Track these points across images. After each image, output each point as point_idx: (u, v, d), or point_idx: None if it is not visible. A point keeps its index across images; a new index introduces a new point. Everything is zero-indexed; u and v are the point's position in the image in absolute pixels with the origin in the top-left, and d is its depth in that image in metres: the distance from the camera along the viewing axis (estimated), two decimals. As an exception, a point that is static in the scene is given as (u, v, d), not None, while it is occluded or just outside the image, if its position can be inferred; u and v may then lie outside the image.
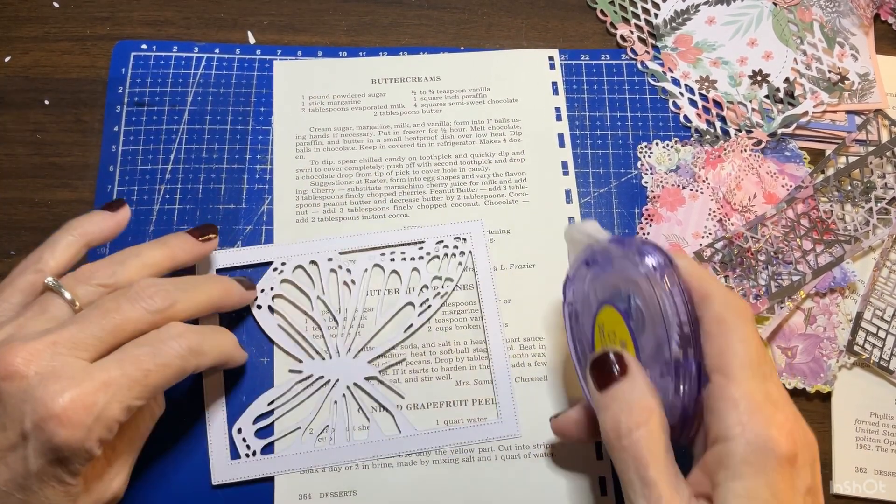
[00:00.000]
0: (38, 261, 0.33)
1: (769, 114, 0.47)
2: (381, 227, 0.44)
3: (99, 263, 0.34)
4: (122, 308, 0.31)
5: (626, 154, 0.47)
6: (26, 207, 0.45)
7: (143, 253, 0.35)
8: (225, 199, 0.45)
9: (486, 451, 0.40)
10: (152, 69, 0.47)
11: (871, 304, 0.43)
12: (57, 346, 0.29)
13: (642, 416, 0.29)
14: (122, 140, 0.46)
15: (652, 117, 0.47)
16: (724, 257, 0.43)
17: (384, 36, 0.49)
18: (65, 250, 0.34)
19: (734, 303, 0.30)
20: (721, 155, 0.46)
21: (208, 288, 0.35)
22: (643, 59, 0.49)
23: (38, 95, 0.47)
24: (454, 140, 0.46)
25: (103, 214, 0.36)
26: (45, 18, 0.49)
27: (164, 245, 0.36)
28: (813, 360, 0.42)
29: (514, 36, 0.50)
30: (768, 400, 0.28)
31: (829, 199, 0.45)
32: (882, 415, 0.42)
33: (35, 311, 0.31)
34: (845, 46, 0.49)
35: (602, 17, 0.50)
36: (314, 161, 0.45)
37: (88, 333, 0.30)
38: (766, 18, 0.50)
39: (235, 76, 0.47)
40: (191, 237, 0.38)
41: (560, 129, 0.47)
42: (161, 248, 0.36)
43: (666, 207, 0.45)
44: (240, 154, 0.46)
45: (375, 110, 0.47)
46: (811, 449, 0.29)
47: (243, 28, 0.49)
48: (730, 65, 0.49)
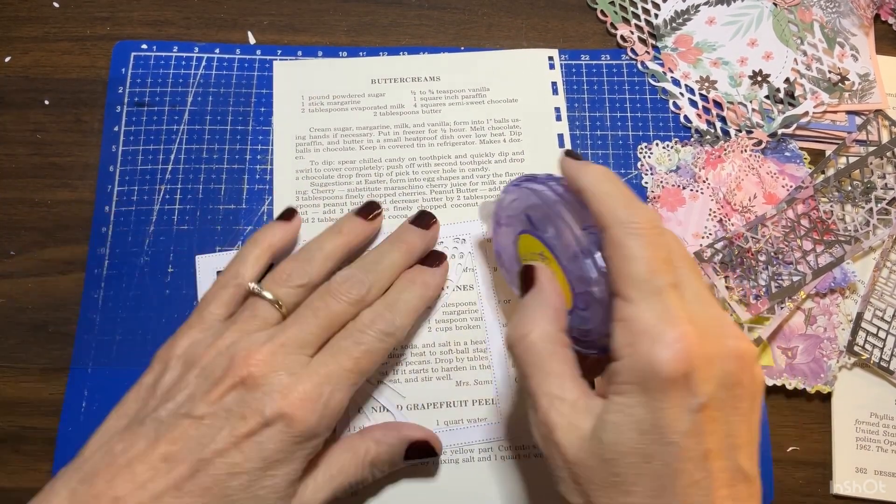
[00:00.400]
0: (235, 275, 0.37)
1: (769, 114, 0.47)
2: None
3: (290, 264, 0.37)
4: (329, 305, 0.35)
5: (626, 155, 0.47)
6: (26, 207, 0.45)
7: (325, 246, 0.38)
8: (225, 199, 0.45)
9: (486, 451, 0.40)
10: (152, 69, 0.47)
11: (872, 305, 0.43)
12: (285, 347, 0.33)
13: (532, 322, 0.32)
14: (123, 140, 0.46)
15: (652, 118, 0.47)
16: (724, 258, 0.43)
17: (384, 36, 0.49)
18: (255, 262, 0.38)
19: (627, 219, 0.30)
20: (721, 155, 0.46)
21: (391, 259, 0.38)
22: (643, 59, 0.49)
23: (38, 95, 0.47)
24: (454, 140, 0.46)
25: (281, 224, 0.40)
26: (45, 18, 0.49)
27: (340, 233, 0.39)
28: (813, 360, 0.42)
29: (514, 36, 0.50)
30: (661, 317, 0.28)
31: (830, 199, 0.45)
32: (882, 415, 0.42)
33: (246, 317, 0.35)
34: (845, 47, 0.49)
35: (602, 17, 0.50)
36: (314, 162, 0.45)
37: (307, 332, 0.34)
38: (766, 19, 0.50)
39: (235, 76, 0.47)
40: (360, 218, 0.41)
41: (560, 130, 0.47)
42: (338, 237, 0.39)
43: (666, 208, 0.45)
44: (240, 154, 0.46)
45: (375, 110, 0.47)
46: (721, 361, 0.28)
47: (243, 28, 0.49)
48: (730, 65, 0.49)
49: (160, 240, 0.44)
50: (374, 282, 0.37)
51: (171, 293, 0.43)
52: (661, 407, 0.27)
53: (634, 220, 0.29)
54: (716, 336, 0.28)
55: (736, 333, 0.29)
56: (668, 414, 0.27)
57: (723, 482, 0.27)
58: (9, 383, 0.42)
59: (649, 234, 0.29)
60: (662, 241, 0.30)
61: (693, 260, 0.32)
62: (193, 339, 0.35)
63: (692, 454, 0.27)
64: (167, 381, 0.34)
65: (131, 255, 0.43)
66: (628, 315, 0.28)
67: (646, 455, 0.27)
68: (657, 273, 0.28)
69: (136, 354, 0.42)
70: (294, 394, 0.32)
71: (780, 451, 0.42)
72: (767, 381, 0.42)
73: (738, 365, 0.28)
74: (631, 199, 0.31)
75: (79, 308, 0.42)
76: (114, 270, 0.43)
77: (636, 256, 0.29)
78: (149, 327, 0.42)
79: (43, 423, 0.41)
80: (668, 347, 0.27)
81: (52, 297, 0.43)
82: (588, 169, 0.32)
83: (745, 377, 0.28)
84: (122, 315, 0.42)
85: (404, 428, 0.38)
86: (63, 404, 0.41)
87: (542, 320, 0.32)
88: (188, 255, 0.43)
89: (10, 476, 0.40)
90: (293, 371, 0.33)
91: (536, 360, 0.31)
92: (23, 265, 0.44)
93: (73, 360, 0.42)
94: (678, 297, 0.28)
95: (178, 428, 0.31)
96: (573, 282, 0.33)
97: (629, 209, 0.30)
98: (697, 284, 0.30)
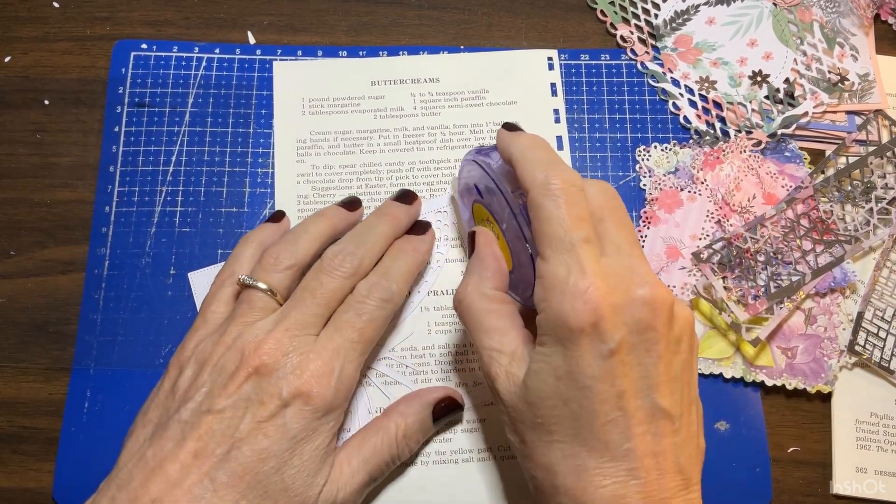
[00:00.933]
0: (232, 274, 0.38)
1: (769, 114, 0.47)
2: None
3: (277, 248, 0.38)
4: (325, 284, 0.36)
5: (624, 157, 0.47)
6: (26, 207, 0.45)
7: (310, 228, 0.39)
8: (227, 202, 0.45)
9: (486, 451, 0.40)
10: (153, 69, 0.47)
11: (872, 305, 0.43)
12: (290, 331, 0.34)
13: (469, 284, 0.35)
14: (123, 141, 0.46)
15: (651, 119, 0.47)
16: (722, 258, 0.43)
17: (384, 36, 0.49)
18: (250, 260, 0.39)
19: (543, 181, 0.32)
20: (720, 156, 0.46)
21: (380, 230, 0.39)
22: (643, 59, 0.49)
23: (38, 95, 0.47)
24: (453, 144, 0.46)
25: (271, 225, 0.41)
26: (45, 18, 0.49)
27: (324, 216, 0.40)
28: (814, 360, 0.42)
29: (514, 36, 0.50)
30: (571, 272, 0.29)
31: (830, 199, 0.45)
32: (882, 415, 0.42)
33: (244, 309, 0.36)
34: (845, 47, 0.49)
35: (602, 17, 0.50)
36: (315, 165, 0.45)
37: (309, 314, 0.35)
38: (766, 19, 0.50)
39: (236, 77, 0.47)
40: (342, 207, 0.41)
41: (559, 132, 0.47)
42: (323, 220, 0.40)
43: (664, 210, 0.45)
44: (241, 157, 0.46)
45: (375, 113, 0.47)
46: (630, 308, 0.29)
47: (243, 28, 0.49)
48: (730, 65, 0.49)
49: (162, 241, 0.44)
50: (366, 253, 0.38)
51: (173, 294, 0.43)
52: (572, 355, 0.29)
53: (551, 182, 0.31)
54: (625, 286, 0.30)
55: (647, 282, 0.30)
56: (580, 361, 0.29)
57: (640, 419, 0.29)
58: (9, 383, 0.42)
59: (566, 193, 0.31)
60: (578, 199, 0.31)
61: (620, 211, 0.33)
62: (200, 340, 0.36)
63: (606, 395, 0.29)
64: (183, 383, 0.34)
65: (132, 257, 0.43)
66: (543, 272, 0.31)
67: (564, 398, 0.29)
68: (569, 230, 0.30)
69: (138, 355, 0.42)
70: (307, 372, 0.34)
71: (780, 451, 0.42)
72: (767, 382, 0.42)
73: (649, 311, 0.29)
74: (551, 163, 0.32)
75: (79, 308, 0.43)
76: (114, 271, 0.43)
77: (550, 216, 0.31)
78: (151, 329, 0.42)
79: (43, 424, 0.41)
80: (576, 300, 0.29)
81: (52, 297, 0.43)
82: (517, 138, 0.35)
83: (657, 322, 0.30)
84: (123, 316, 0.42)
85: (423, 393, 0.39)
86: (65, 405, 0.41)
87: (479, 281, 0.35)
88: (190, 257, 0.44)
89: (10, 476, 0.40)
90: (302, 352, 0.34)
91: (475, 319, 0.34)
92: (23, 265, 0.44)
93: (75, 360, 0.42)
94: (590, 252, 0.30)
95: (201, 424, 0.32)
96: (510, 242, 0.36)
97: (547, 172, 0.32)
98: (620, 235, 0.32)
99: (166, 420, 0.33)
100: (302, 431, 0.33)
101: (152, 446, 0.32)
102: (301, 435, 0.33)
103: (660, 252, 0.44)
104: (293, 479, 0.33)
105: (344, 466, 0.35)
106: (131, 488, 0.31)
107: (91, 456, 0.40)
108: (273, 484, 0.32)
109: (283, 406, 0.33)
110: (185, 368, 0.35)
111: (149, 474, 0.31)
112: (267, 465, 0.32)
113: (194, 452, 0.32)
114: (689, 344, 0.31)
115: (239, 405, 0.33)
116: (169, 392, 0.35)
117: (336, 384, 0.34)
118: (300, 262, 0.37)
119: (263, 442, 0.32)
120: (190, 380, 0.34)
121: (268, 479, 0.32)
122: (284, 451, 0.33)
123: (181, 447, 0.32)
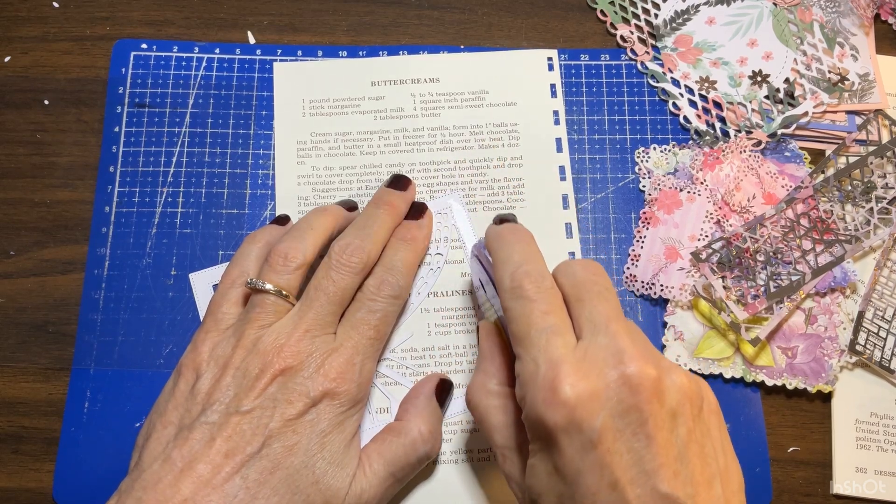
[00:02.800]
0: (240, 274, 0.38)
1: (769, 114, 0.47)
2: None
3: (285, 247, 0.37)
4: (336, 282, 0.37)
5: (623, 158, 0.46)
6: (26, 207, 0.45)
7: (314, 224, 0.39)
8: (228, 203, 0.45)
9: (486, 451, 0.40)
10: (153, 69, 0.47)
11: (872, 304, 0.43)
12: (310, 332, 0.35)
13: (473, 383, 0.35)
14: (123, 141, 0.46)
15: (650, 120, 0.47)
16: (721, 258, 0.43)
17: (384, 36, 0.49)
18: (258, 259, 0.39)
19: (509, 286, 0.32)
20: (719, 157, 0.46)
21: (381, 221, 0.40)
22: (643, 59, 0.49)
23: (38, 95, 0.47)
24: (453, 145, 0.46)
25: (276, 227, 0.41)
26: (45, 18, 0.49)
27: (326, 212, 0.40)
28: (814, 360, 0.42)
29: (514, 36, 0.50)
30: (540, 364, 0.29)
31: (830, 199, 0.45)
32: (882, 415, 0.42)
33: (258, 312, 0.36)
34: (845, 47, 0.49)
35: (602, 17, 0.50)
36: (315, 167, 0.45)
37: (325, 313, 0.36)
38: (766, 19, 0.50)
39: (236, 77, 0.47)
40: (340, 207, 0.42)
41: (558, 134, 0.47)
42: (325, 216, 0.40)
43: (663, 210, 0.45)
44: (242, 159, 0.46)
45: (375, 114, 0.47)
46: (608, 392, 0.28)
47: (243, 28, 0.49)
48: (730, 65, 0.49)
49: (163, 242, 0.44)
50: (372, 246, 0.38)
51: (174, 295, 0.43)
52: (554, 450, 0.28)
53: (516, 285, 0.32)
54: (599, 369, 0.28)
55: (624, 360, 0.28)
56: (562, 456, 0.28)
57: None
58: (8, 383, 0.42)
59: (533, 292, 0.31)
60: (544, 296, 0.31)
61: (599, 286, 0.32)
62: (215, 343, 0.36)
63: (596, 488, 0.27)
64: (205, 386, 0.34)
65: (133, 257, 0.43)
66: (518, 370, 0.31)
67: (557, 494, 0.28)
68: (535, 325, 0.30)
69: (138, 356, 0.42)
70: (332, 371, 0.35)
71: (781, 451, 0.42)
72: (767, 382, 0.42)
73: (628, 391, 0.27)
74: (522, 263, 0.33)
75: (79, 308, 0.43)
76: (115, 271, 0.43)
77: (517, 317, 0.31)
78: (152, 329, 0.42)
79: (42, 423, 0.41)
80: (546, 393, 0.28)
81: (52, 297, 0.43)
82: (496, 236, 0.35)
83: (639, 400, 0.27)
84: (123, 316, 0.42)
85: (420, 389, 0.40)
86: (65, 405, 0.41)
87: (484, 378, 0.35)
88: (191, 258, 0.44)
89: (10, 476, 0.40)
90: (324, 351, 0.35)
91: (482, 416, 0.34)
92: (23, 265, 0.44)
93: (75, 360, 0.42)
94: (559, 341, 0.30)
95: (229, 425, 0.33)
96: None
97: (514, 274, 0.32)
98: (599, 313, 0.30)
99: (190, 422, 0.33)
100: (331, 426, 0.34)
101: (178, 447, 0.32)
102: (329, 429, 0.34)
103: (659, 253, 0.44)
104: (323, 472, 0.34)
105: (367, 467, 0.36)
106: (159, 489, 0.31)
107: (91, 456, 0.40)
108: (304, 478, 0.33)
109: (311, 405, 0.34)
110: (204, 371, 0.35)
111: (178, 475, 0.31)
112: (297, 458, 0.33)
113: (225, 452, 0.32)
114: (692, 414, 0.29)
115: (266, 405, 0.33)
116: (188, 394, 0.35)
117: (358, 379, 0.36)
118: (308, 260, 0.38)
119: (293, 438, 0.33)
120: (211, 383, 0.34)
121: (298, 473, 0.33)
122: (314, 444, 0.34)
123: (210, 447, 0.32)
